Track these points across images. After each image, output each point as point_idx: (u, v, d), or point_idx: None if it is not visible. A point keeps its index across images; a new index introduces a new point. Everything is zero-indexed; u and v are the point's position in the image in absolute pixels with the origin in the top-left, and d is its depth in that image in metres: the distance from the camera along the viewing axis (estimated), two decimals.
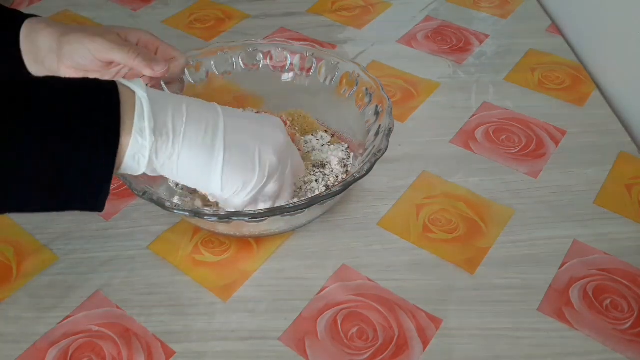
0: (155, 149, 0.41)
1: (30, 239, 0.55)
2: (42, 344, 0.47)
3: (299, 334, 0.47)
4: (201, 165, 0.44)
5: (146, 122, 0.40)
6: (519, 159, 0.62)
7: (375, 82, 0.57)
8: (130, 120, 0.40)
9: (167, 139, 0.42)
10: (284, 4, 0.88)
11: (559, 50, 0.77)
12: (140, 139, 0.40)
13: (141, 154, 0.41)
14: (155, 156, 0.42)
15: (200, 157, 0.43)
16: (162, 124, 0.41)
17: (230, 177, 0.45)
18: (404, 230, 0.55)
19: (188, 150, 0.42)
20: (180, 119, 0.42)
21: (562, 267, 0.51)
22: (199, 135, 0.43)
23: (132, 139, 0.40)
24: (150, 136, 0.40)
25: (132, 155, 0.40)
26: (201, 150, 0.43)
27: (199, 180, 0.45)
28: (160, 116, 0.41)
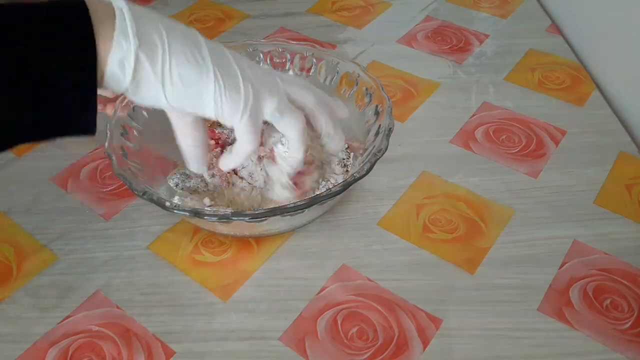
0: (139, 58, 0.38)
1: (30, 239, 0.55)
2: (42, 344, 0.47)
3: (299, 334, 0.47)
4: (192, 83, 0.41)
5: (128, 25, 0.38)
6: (519, 159, 0.62)
7: (375, 82, 0.57)
8: (109, 28, 0.37)
9: (153, 48, 0.39)
10: (284, 4, 0.88)
11: (559, 50, 0.77)
12: (124, 43, 0.37)
13: (126, 59, 0.38)
14: (140, 66, 0.39)
15: (190, 73, 0.40)
16: (146, 33, 0.39)
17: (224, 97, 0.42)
18: (404, 230, 0.55)
19: (175, 63, 0.40)
20: (163, 29, 0.40)
21: (562, 267, 0.51)
22: (185, 49, 0.40)
23: (115, 42, 0.37)
24: (134, 39, 0.38)
25: (117, 62, 0.38)
26: (190, 66, 0.40)
27: (190, 101, 0.42)
28: (142, 24, 0.39)
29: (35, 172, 0.62)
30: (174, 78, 0.40)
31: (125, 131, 0.54)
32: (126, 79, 0.39)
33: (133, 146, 0.54)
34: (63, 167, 0.62)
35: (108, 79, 0.39)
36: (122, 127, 0.54)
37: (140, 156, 0.54)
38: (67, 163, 0.63)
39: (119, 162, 0.50)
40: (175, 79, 0.40)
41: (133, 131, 0.55)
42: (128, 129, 0.55)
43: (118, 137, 0.53)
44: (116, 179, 0.60)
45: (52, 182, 0.61)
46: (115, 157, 0.50)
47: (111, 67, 0.38)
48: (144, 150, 0.55)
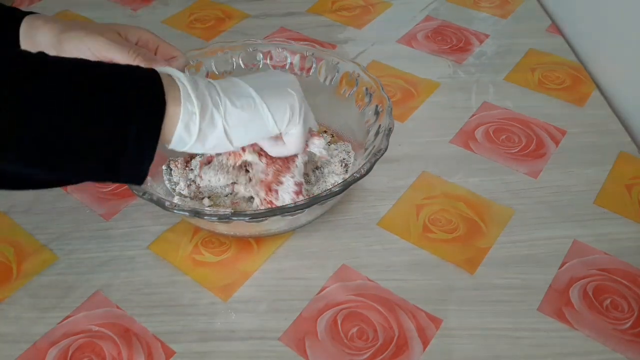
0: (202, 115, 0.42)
1: (30, 239, 0.55)
2: (42, 344, 0.47)
3: (299, 334, 0.47)
4: (249, 115, 0.45)
5: (190, 90, 0.42)
6: (519, 159, 0.62)
7: (375, 82, 0.57)
8: (173, 92, 0.42)
9: (207, 104, 0.43)
10: (284, 4, 0.88)
11: (559, 50, 0.77)
12: (189, 105, 0.42)
13: (192, 121, 0.42)
14: (203, 121, 0.43)
15: (244, 108, 0.45)
16: (202, 94, 0.43)
17: (277, 108, 0.46)
18: (404, 230, 0.55)
19: (231, 106, 0.44)
20: (212, 87, 0.44)
21: (562, 267, 0.51)
22: (233, 93, 0.45)
23: (182, 107, 0.41)
24: (197, 101, 0.42)
25: (184, 124, 0.42)
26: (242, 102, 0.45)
27: (253, 129, 0.46)
28: (197, 87, 0.43)
29: None
30: (235, 123, 0.44)
31: None
32: (191, 138, 0.43)
33: None
34: None
35: (175, 140, 0.43)
36: None
37: None
38: None
39: None
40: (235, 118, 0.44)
41: None
42: None
43: None
44: None
45: None
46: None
47: (179, 130, 0.42)
48: None
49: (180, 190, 0.56)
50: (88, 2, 0.90)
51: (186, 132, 0.42)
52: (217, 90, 0.44)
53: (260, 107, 0.46)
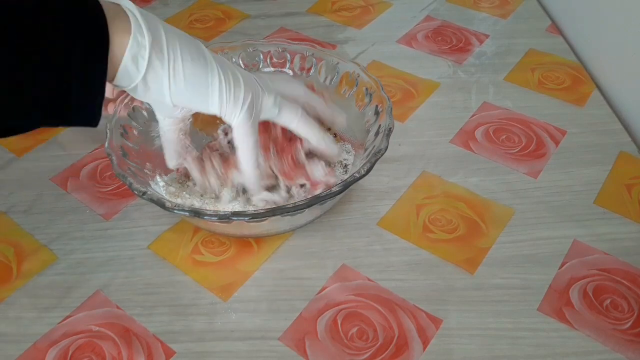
0: (151, 54, 0.39)
1: (30, 239, 0.55)
2: (42, 344, 0.47)
3: (299, 334, 0.47)
4: (199, 81, 0.42)
5: (141, 22, 0.39)
6: (519, 159, 0.62)
7: (375, 82, 0.57)
8: (122, 21, 0.38)
9: (162, 46, 0.40)
10: (284, 4, 0.88)
11: (559, 50, 0.77)
12: (140, 38, 0.38)
13: (140, 55, 0.39)
14: (151, 63, 0.39)
15: (198, 71, 0.42)
16: (155, 31, 0.40)
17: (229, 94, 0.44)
18: (404, 230, 0.55)
19: (183, 63, 0.41)
20: (168, 29, 0.41)
21: (562, 267, 0.51)
22: (191, 49, 0.42)
23: (132, 38, 0.38)
24: (148, 35, 0.39)
25: (132, 57, 0.39)
26: (197, 64, 0.42)
27: (196, 98, 0.43)
28: (150, 23, 0.40)
29: (35, 172, 0.62)
30: (182, 75, 0.41)
31: (125, 131, 0.54)
32: (139, 74, 0.40)
33: (133, 146, 0.54)
34: (63, 167, 0.62)
35: (121, 74, 0.39)
36: (122, 127, 0.54)
37: (140, 156, 0.54)
38: (67, 163, 0.63)
39: (119, 162, 0.50)
40: (182, 77, 0.42)
41: (133, 131, 0.55)
42: (128, 129, 0.55)
43: (118, 137, 0.53)
44: (116, 179, 0.60)
45: (52, 182, 0.61)
46: (115, 157, 0.50)
47: (125, 62, 0.39)
48: (143, 150, 0.55)
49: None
50: None
51: (134, 64, 0.39)
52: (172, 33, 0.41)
53: (210, 73, 0.42)
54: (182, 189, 0.55)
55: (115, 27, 0.38)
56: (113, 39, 0.38)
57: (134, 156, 0.53)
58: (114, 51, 0.38)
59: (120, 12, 0.39)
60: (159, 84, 0.41)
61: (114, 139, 0.52)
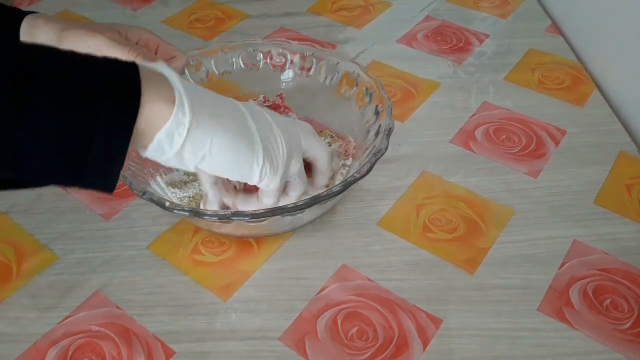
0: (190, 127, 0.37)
1: (30, 239, 0.55)
2: (42, 344, 0.47)
3: (299, 334, 0.47)
4: (242, 157, 0.41)
5: (184, 96, 0.37)
6: (519, 158, 0.62)
7: (375, 82, 0.57)
8: (161, 91, 0.36)
9: (201, 119, 0.38)
10: (284, 4, 0.88)
11: (559, 50, 0.77)
12: (181, 114, 0.36)
13: (177, 131, 0.37)
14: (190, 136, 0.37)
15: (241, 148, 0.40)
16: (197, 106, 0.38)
17: (269, 165, 0.43)
18: (404, 230, 0.55)
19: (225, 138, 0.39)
20: (209, 101, 0.39)
21: (562, 267, 0.51)
22: (235, 125, 0.40)
23: (174, 115, 0.36)
24: (190, 112, 0.37)
25: (167, 133, 0.37)
26: (242, 141, 0.40)
27: (234, 172, 0.42)
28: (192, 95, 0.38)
29: None
30: (223, 151, 0.40)
31: None
32: (172, 150, 0.38)
33: None
34: None
35: (153, 147, 0.37)
36: None
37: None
38: None
39: None
40: (224, 152, 0.40)
41: None
42: None
43: None
44: None
45: None
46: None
47: (160, 137, 0.37)
48: None
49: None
50: (88, 2, 0.90)
51: (168, 140, 0.37)
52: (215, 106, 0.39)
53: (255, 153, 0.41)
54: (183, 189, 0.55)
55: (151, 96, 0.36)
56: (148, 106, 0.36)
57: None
58: (150, 122, 0.36)
59: (160, 82, 0.37)
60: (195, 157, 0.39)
61: None
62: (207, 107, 0.39)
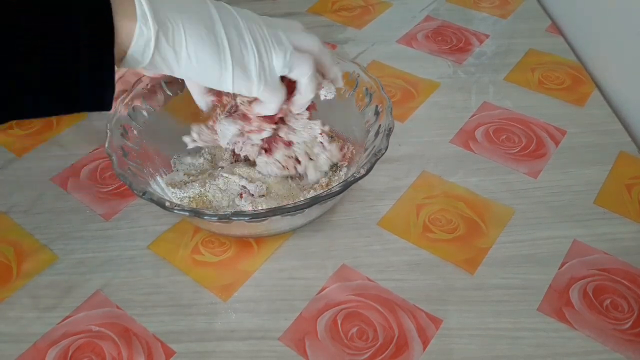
0: (159, 43, 0.40)
1: (30, 239, 0.55)
2: (42, 344, 0.47)
3: (299, 334, 0.47)
4: (210, 65, 0.42)
5: (146, 9, 0.39)
6: (519, 159, 0.62)
7: (376, 82, 0.57)
8: (128, 8, 0.38)
9: (171, 31, 0.40)
10: (284, 4, 0.88)
11: (559, 50, 0.77)
12: (145, 29, 0.39)
13: (147, 44, 0.39)
14: (158, 50, 0.40)
15: (208, 55, 0.42)
16: (163, 14, 0.40)
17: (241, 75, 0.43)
18: (404, 230, 0.55)
19: (193, 46, 0.41)
20: (177, 8, 0.41)
21: (562, 267, 0.51)
22: (201, 30, 0.41)
23: (137, 30, 0.38)
24: (154, 25, 0.39)
25: (137, 48, 0.39)
26: (208, 48, 0.42)
27: (207, 78, 0.43)
28: (158, 6, 0.40)
29: (35, 172, 0.62)
30: (192, 59, 0.41)
31: (125, 131, 0.54)
32: (145, 61, 0.40)
33: (133, 146, 0.54)
34: (63, 167, 0.62)
35: (127, 61, 0.40)
36: (122, 127, 0.54)
37: (140, 156, 0.54)
38: (67, 163, 0.63)
39: (119, 162, 0.50)
40: (193, 60, 0.41)
41: (133, 131, 0.55)
42: (128, 129, 0.55)
43: (118, 137, 0.53)
44: (116, 179, 0.60)
45: (52, 182, 0.61)
46: (115, 157, 0.50)
47: (131, 52, 0.39)
48: (144, 150, 0.55)
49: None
50: None
51: (139, 53, 0.40)
52: (181, 11, 0.41)
53: (222, 54, 0.42)
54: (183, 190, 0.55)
55: (120, 14, 0.38)
56: (118, 27, 0.38)
57: (134, 156, 0.53)
58: (121, 38, 0.38)
59: None
60: (167, 66, 0.42)
61: (114, 139, 0.52)
62: (173, 14, 0.40)
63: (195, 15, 0.42)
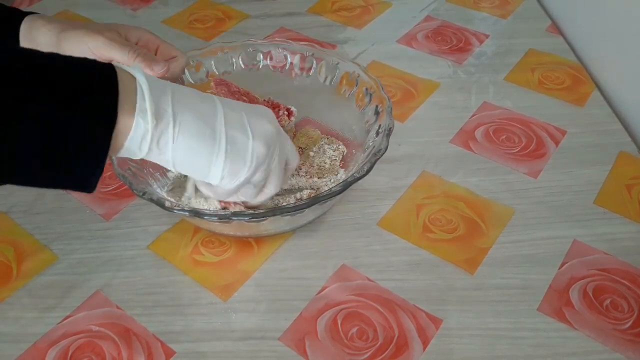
0: (156, 134, 0.40)
1: (30, 239, 0.55)
2: (42, 344, 0.47)
3: (299, 334, 0.47)
4: (202, 155, 0.42)
5: (147, 105, 0.39)
6: (519, 159, 0.62)
7: (375, 82, 0.57)
8: (130, 102, 0.39)
9: (167, 124, 0.40)
10: (284, 4, 0.88)
11: (559, 50, 0.77)
12: (142, 122, 0.39)
13: (144, 138, 0.40)
14: (156, 142, 0.40)
15: (200, 147, 0.42)
16: (163, 109, 0.40)
17: (230, 168, 0.43)
18: (404, 230, 0.55)
19: (187, 138, 0.41)
20: (178, 105, 0.41)
21: (562, 267, 0.51)
22: (198, 125, 0.42)
23: (135, 122, 0.39)
24: (152, 120, 0.39)
25: (134, 139, 0.39)
26: (201, 140, 0.42)
27: (196, 170, 0.44)
28: (160, 101, 0.40)
29: None
30: (184, 151, 0.42)
31: None
32: (141, 153, 0.41)
33: None
34: None
35: (123, 152, 0.40)
36: None
37: None
38: None
39: (119, 162, 0.50)
40: (185, 152, 0.42)
41: None
42: None
43: None
44: (116, 179, 0.60)
45: None
46: (116, 157, 0.50)
47: (128, 145, 0.40)
48: None
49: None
50: (88, 2, 0.90)
51: (136, 147, 0.40)
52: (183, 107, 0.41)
53: (217, 151, 0.42)
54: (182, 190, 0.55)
55: (124, 110, 0.38)
56: (120, 118, 0.38)
57: None
58: (119, 130, 0.39)
59: (132, 89, 0.39)
60: (161, 160, 0.42)
61: None
62: (174, 111, 0.41)
63: (199, 114, 0.42)
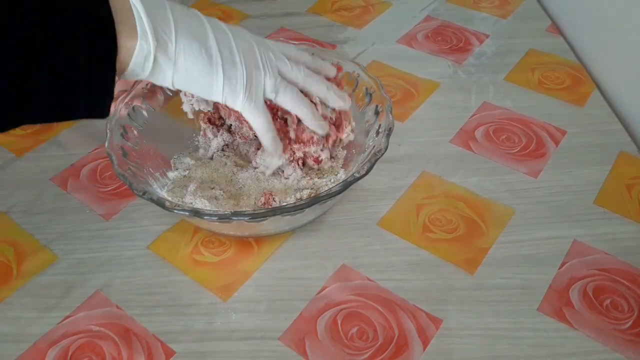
0: (157, 57, 0.43)
1: (30, 239, 0.55)
2: (42, 344, 0.47)
3: (299, 334, 0.47)
4: (202, 76, 0.45)
5: (146, 26, 0.41)
6: (519, 159, 0.62)
7: (376, 82, 0.57)
8: (130, 25, 0.41)
9: (167, 45, 0.43)
10: (284, 4, 0.88)
11: (559, 50, 0.77)
12: (145, 44, 0.42)
13: (146, 60, 0.42)
14: (157, 63, 0.43)
15: (201, 68, 0.45)
16: (160, 30, 0.43)
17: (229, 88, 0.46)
18: (404, 230, 0.55)
19: (187, 59, 0.44)
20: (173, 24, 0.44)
21: (562, 267, 0.51)
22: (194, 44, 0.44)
23: (137, 45, 0.41)
24: (153, 41, 0.42)
25: (137, 62, 0.42)
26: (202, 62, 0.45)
27: (198, 89, 0.46)
28: (156, 21, 0.43)
29: (35, 172, 0.62)
30: (185, 73, 0.45)
31: (125, 131, 0.54)
32: (144, 74, 0.43)
33: (133, 146, 0.54)
34: (63, 167, 0.62)
35: (128, 74, 0.43)
36: (122, 127, 0.54)
37: (140, 156, 0.54)
38: (67, 163, 0.63)
39: (119, 162, 0.50)
40: (187, 73, 0.45)
41: (133, 131, 0.55)
42: (128, 129, 0.55)
43: (118, 137, 0.53)
44: (116, 179, 0.60)
45: (52, 182, 0.61)
46: (115, 157, 0.50)
47: (132, 66, 0.42)
48: (144, 150, 0.55)
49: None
50: None
51: (139, 67, 0.43)
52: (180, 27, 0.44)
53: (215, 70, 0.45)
54: (182, 189, 0.55)
55: (123, 32, 0.41)
56: (120, 43, 0.41)
57: (134, 156, 0.53)
58: (122, 54, 0.41)
59: (129, 13, 0.41)
60: (163, 78, 0.45)
61: (114, 139, 0.52)
62: (170, 31, 0.43)
63: (192, 32, 0.45)
